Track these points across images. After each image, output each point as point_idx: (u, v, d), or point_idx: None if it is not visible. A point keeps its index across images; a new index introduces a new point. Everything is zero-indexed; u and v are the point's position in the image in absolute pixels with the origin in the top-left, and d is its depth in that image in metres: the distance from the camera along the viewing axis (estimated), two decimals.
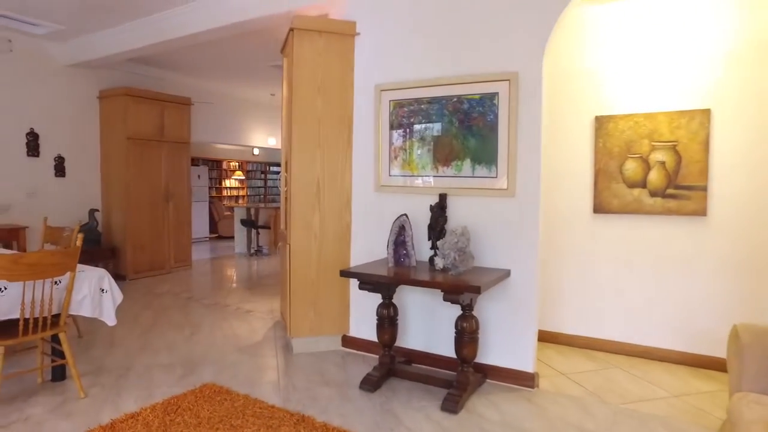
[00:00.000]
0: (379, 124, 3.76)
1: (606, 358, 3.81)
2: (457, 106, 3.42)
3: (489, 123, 3.31)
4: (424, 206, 3.58)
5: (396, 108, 3.69)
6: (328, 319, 3.96)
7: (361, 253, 3.91)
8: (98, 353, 3.84)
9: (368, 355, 3.89)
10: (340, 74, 3.85)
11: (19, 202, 6.01)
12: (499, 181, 3.30)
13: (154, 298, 5.62)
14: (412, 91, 3.61)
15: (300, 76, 3.75)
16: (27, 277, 2.68)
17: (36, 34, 5.82)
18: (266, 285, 6.51)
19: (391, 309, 3.38)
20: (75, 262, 2.92)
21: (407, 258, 3.37)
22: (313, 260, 3.87)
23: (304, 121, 3.78)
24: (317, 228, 3.85)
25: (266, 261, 8.53)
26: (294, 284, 3.85)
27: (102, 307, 3.19)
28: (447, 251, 3.13)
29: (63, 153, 6.45)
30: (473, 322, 3.05)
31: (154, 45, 5.33)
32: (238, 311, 5.15)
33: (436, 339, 3.63)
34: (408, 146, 3.66)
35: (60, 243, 4.10)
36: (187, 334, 4.35)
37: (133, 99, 6.53)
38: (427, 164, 3.59)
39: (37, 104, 6.15)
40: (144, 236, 6.77)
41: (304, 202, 3.82)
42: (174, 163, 7.16)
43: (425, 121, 3.56)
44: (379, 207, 3.82)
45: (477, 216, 3.42)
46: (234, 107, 9.34)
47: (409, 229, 3.35)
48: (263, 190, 14.56)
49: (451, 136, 3.46)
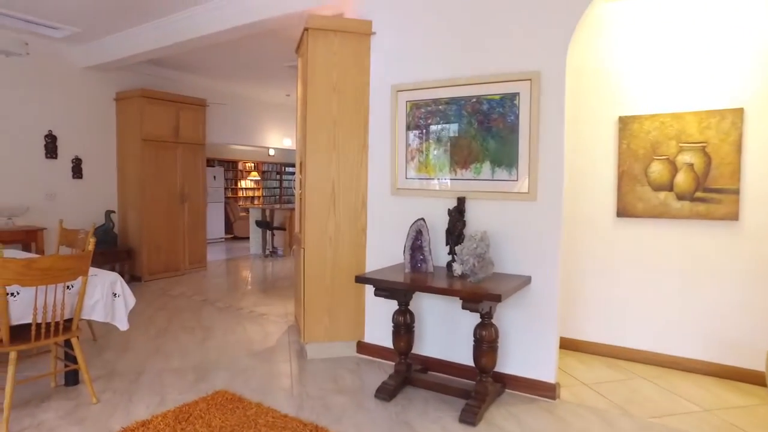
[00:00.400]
0: (396, 126, 3.67)
1: (630, 368, 3.67)
2: (476, 106, 3.32)
3: (509, 124, 3.20)
4: (442, 210, 3.48)
5: (413, 109, 3.60)
6: (342, 324, 3.88)
7: (377, 257, 3.83)
8: (111, 356, 3.81)
9: (383, 362, 3.81)
10: (356, 74, 3.77)
11: (37, 204, 6.04)
12: (520, 184, 3.19)
13: (169, 301, 5.60)
14: (430, 91, 3.51)
15: (315, 76, 3.68)
16: (39, 281, 2.65)
17: (54, 38, 5.85)
18: (281, 287, 6.46)
19: (407, 316, 3.29)
20: (87, 267, 2.88)
21: (424, 263, 3.28)
22: (327, 264, 3.79)
23: (319, 123, 3.70)
24: (332, 231, 3.78)
25: (281, 262, 8.49)
26: (308, 289, 3.78)
27: (114, 311, 3.15)
28: (466, 257, 3.03)
29: (80, 155, 6.48)
30: (492, 330, 2.94)
31: (169, 46, 5.30)
32: (252, 314, 5.10)
33: (454, 346, 3.53)
34: (425, 148, 3.56)
35: (75, 245, 4.09)
36: (200, 338, 4.31)
37: (148, 100, 6.53)
38: (444, 167, 3.49)
39: (56, 107, 6.19)
40: (159, 237, 6.77)
41: (319, 205, 3.74)
42: (189, 165, 7.16)
43: (443, 122, 3.47)
44: (396, 210, 3.73)
45: (496, 220, 3.31)
46: (249, 108, 9.33)
47: (426, 233, 3.26)
48: (278, 190, 14.56)
49: (470, 137, 3.36)
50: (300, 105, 4.22)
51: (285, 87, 8.78)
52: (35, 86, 5.97)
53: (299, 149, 4.17)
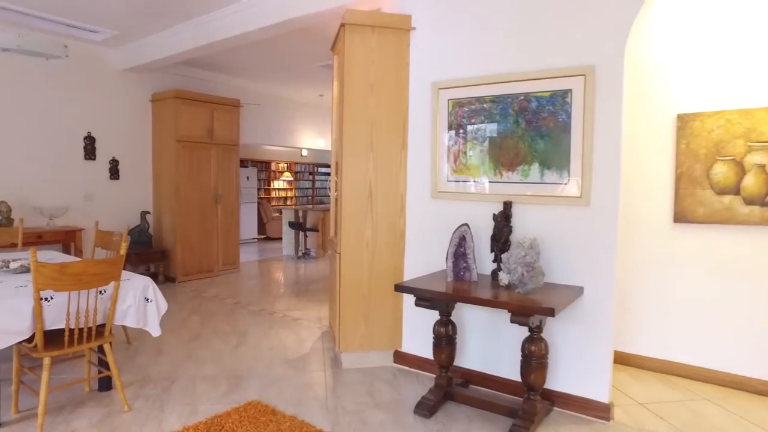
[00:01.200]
0: (437, 125, 3.49)
1: (690, 387, 3.39)
2: (524, 104, 3.11)
3: (561, 123, 2.98)
4: (486, 215, 3.29)
5: (455, 107, 3.41)
6: (379, 333, 3.73)
7: (416, 263, 3.65)
8: (145, 361, 3.75)
9: (422, 373, 3.63)
10: (395, 72, 3.60)
11: (76, 204, 6.11)
12: (572, 188, 2.96)
13: (202, 303, 5.56)
14: (473, 89, 3.31)
15: (351, 74, 3.53)
16: (72, 287, 2.58)
17: (93, 41, 5.90)
18: (314, 291, 6.35)
19: (449, 327, 3.11)
20: (119, 272, 2.80)
21: (468, 272, 3.08)
22: (364, 270, 3.64)
23: (356, 122, 3.55)
24: (369, 236, 3.62)
25: (314, 264, 8.40)
26: (344, 296, 3.63)
27: (147, 317, 3.07)
28: (513, 266, 2.82)
29: (117, 156, 6.52)
30: (542, 345, 2.73)
31: (205, 46, 5.26)
32: (285, 319, 5.00)
33: (497, 359, 3.33)
34: (468, 149, 3.37)
35: (110, 247, 4.06)
36: (233, 343, 4.22)
37: (183, 101, 6.53)
38: (489, 169, 3.29)
39: (94, 109, 6.25)
40: (193, 238, 6.76)
41: (356, 208, 3.59)
42: (223, 165, 7.13)
43: (488, 121, 3.27)
44: (436, 214, 3.55)
45: (545, 226, 3.09)
46: (282, 108, 9.28)
47: (470, 240, 3.06)
48: (311, 191, 14.54)
49: (517, 137, 3.15)
50: (336, 104, 4.09)
51: (318, 87, 8.69)
52: (75, 89, 6.04)
53: (335, 150, 4.03)
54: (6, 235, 4.43)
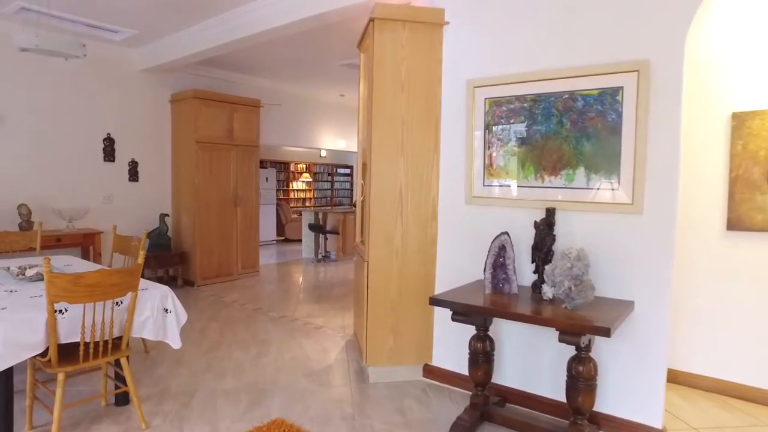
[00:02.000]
0: (472, 126, 3.27)
1: (749, 410, 3.12)
2: (568, 103, 2.88)
3: (610, 124, 2.74)
4: (525, 222, 3.06)
5: (492, 107, 3.19)
6: (408, 345, 3.52)
7: (448, 272, 3.44)
8: (163, 372, 3.60)
9: (454, 389, 3.42)
10: (427, 69, 3.39)
11: (95, 207, 6.01)
12: (622, 194, 2.72)
13: (221, 309, 5.41)
14: (512, 87, 3.09)
15: (381, 71, 3.33)
16: (87, 298, 2.42)
17: (113, 41, 5.80)
18: (336, 296, 6.17)
19: (487, 343, 2.89)
20: (137, 282, 2.64)
21: (507, 284, 2.86)
22: (393, 279, 3.43)
23: (386, 123, 3.35)
24: (399, 243, 3.42)
25: (334, 268, 8.23)
26: (372, 306, 3.43)
27: (166, 328, 2.91)
28: (559, 279, 2.59)
29: (136, 158, 6.42)
30: (591, 366, 2.50)
31: (225, 44, 5.11)
32: (307, 327, 4.82)
33: (535, 377, 3.10)
34: (506, 152, 3.14)
35: (128, 253, 3.92)
36: (254, 354, 4.05)
37: (202, 102, 6.40)
38: (529, 173, 3.06)
39: (114, 110, 6.15)
40: (212, 241, 6.62)
41: (385, 213, 3.39)
42: (243, 167, 6.99)
43: (528, 121, 3.04)
44: (471, 221, 3.33)
45: (591, 235, 2.85)
46: (302, 109, 9.12)
47: (510, 250, 2.84)
48: (330, 192, 14.39)
49: (561, 139, 2.92)
50: (363, 104, 3.90)
51: (339, 87, 8.53)
52: (95, 90, 5.95)
53: (362, 152, 3.84)
54: (24, 239, 4.32)
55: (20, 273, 3.13)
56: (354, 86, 8.31)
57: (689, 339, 3.46)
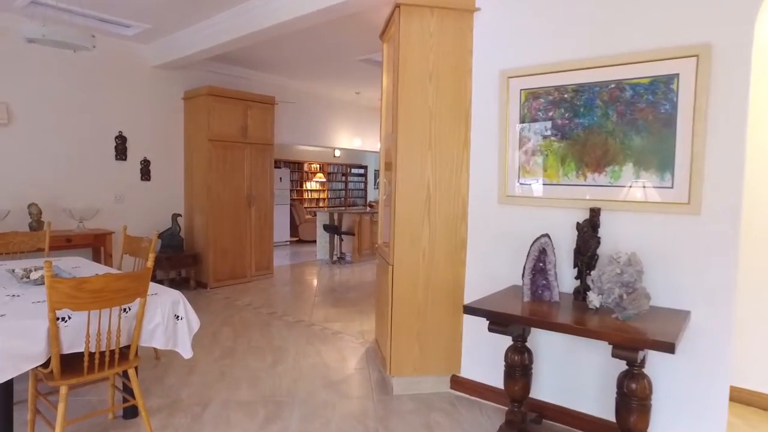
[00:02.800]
0: (506, 120, 3.03)
1: None
2: (615, 93, 2.62)
3: (663, 115, 2.48)
4: (565, 224, 2.82)
5: (528, 99, 2.94)
6: (435, 355, 3.29)
7: (479, 277, 3.20)
8: (174, 381, 3.40)
9: (484, 403, 3.18)
10: (456, 59, 3.16)
11: (107, 207, 5.86)
12: (677, 193, 2.46)
13: (235, 313, 5.21)
14: (551, 76, 2.84)
15: (408, 62, 3.10)
16: (92, 305, 2.22)
17: (126, 36, 5.64)
18: (353, 299, 5.95)
19: (525, 355, 2.64)
20: (146, 287, 2.43)
21: (548, 290, 2.62)
22: (420, 284, 3.20)
23: (413, 116, 3.13)
24: (426, 245, 3.19)
25: (349, 270, 8.01)
26: (397, 313, 3.20)
27: (177, 336, 2.70)
28: (607, 286, 2.34)
29: (149, 156, 6.26)
30: (646, 383, 2.24)
31: (241, 38, 4.91)
32: (325, 332, 4.60)
33: (576, 391, 2.85)
34: (544, 147, 2.90)
35: (139, 254, 3.73)
36: (270, 361, 3.83)
37: (216, 99, 6.21)
38: (570, 170, 2.81)
39: (126, 107, 6.00)
40: (226, 242, 6.44)
41: (412, 213, 3.16)
42: (257, 166, 6.80)
43: (569, 114, 2.79)
44: (504, 222, 3.09)
45: (640, 238, 2.59)
46: (317, 107, 8.92)
47: (551, 253, 2.60)
48: (344, 192, 14.19)
49: (606, 133, 2.66)
50: (386, 97, 3.68)
51: (355, 84, 8.31)
52: (106, 87, 5.79)
53: (386, 148, 3.62)
54: (32, 239, 4.16)
55: (24, 276, 2.95)
56: (370, 83, 8.10)
57: (748, 351, 3.18)
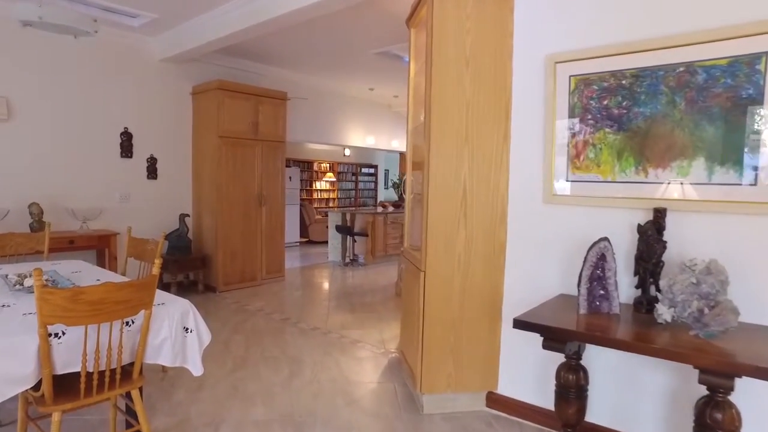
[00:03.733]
0: (553, 110, 2.72)
1: None
2: (684, 78, 2.30)
3: (743, 101, 2.16)
4: (622, 226, 2.50)
5: (579, 86, 2.63)
6: (470, 370, 2.97)
7: (519, 285, 2.89)
8: (183, 397, 3.11)
9: (525, 423, 2.87)
10: (495, 44, 2.85)
11: (111, 206, 5.58)
12: (761, 191, 2.14)
13: (246, 319, 4.92)
14: (607, 60, 2.53)
15: (442, 46, 2.80)
16: (90, 319, 1.92)
17: (132, 27, 5.36)
18: (369, 304, 5.64)
19: (580, 374, 2.32)
20: (152, 297, 2.14)
21: (606, 301, 2.30)
22: (455, 292, 2.89)
23: (448, 107, 2.82)
24: (462, 250, 2.87)
25: (363, 272, 7.70)
26: (429, 324, 2.90)
27: (186, 352, 2.40)
28: (681, 297, 2.03)
29: (155, 154, 5.98)
30: (733, 413, 1.91)
31: (250, 28, 4.61)
32: (343, 341, 4.29)
33: (633, 415, 2.53)
34: (598, 140, 2.58)
35: (144, 258, 3.43)
36: (286, 374, 3.54)
37: (226, 93, 5.93)
38: (627, 165, 2.49)
39: (132, 103, 5.72)
40: (236, 244, 6.15)
41: (446, 215, 2.85)
42: (268, 164, 6.51)
43: (628, 102, 2.47)
44: (549, 224, 2.77)
45: (714, 243, 2.27)
46: (329, 103, 8.62)
47: (611, 260, 2.28)
48: (354, 192, 13.89)
49: (672, 123, 2.34)
50: (414, 87, 3.37)
51: (369, 80, 8.02)
52: (112, 81, 5.52)
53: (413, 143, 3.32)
54: (31, 241, 3.87)
55: (18, 282, 2.65)
56: (385, 79, 7.81)
57: None
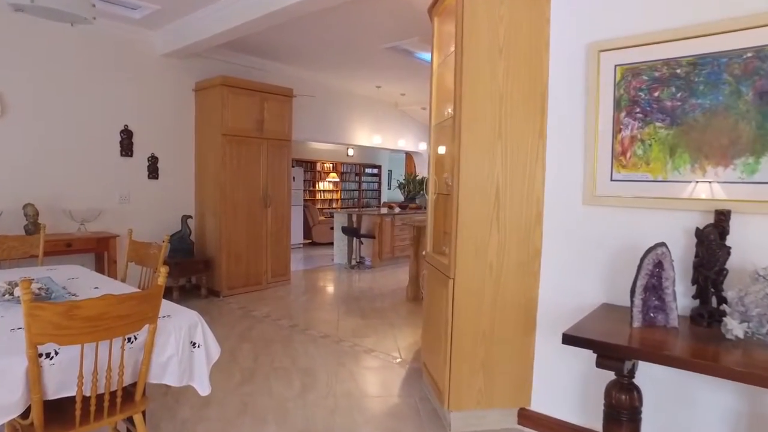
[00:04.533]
0: (596, 102, 2.48)
1: None
2: (752, 65, 2.07)
3: None
4: (675, 230, 2.26)
5: (627, 76, 2.39)
6: (501, 384, 2.74)
7: (556, 292, 2.65)
8: (188, 415, 2.87)
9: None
10: (531, 31, 2.61)
11: (111, 207, 5.34)
12: None
13: (253, 325, 4.68)
14: (658, 48, 2.29)
15: (473, 35, 2.56)
16: (86, 336, 1.69)
17: (132, 19, 5.12)
18: (380, 310, 5.40)
19: (634, 394, 2.08)
20: (156, 310, 1.90)
21: (662, 313, 2.06)
22: (486, 301, 2.65)
23: (479, 101, 2.58)
24: (494, 256, 2.64)
25: (370, 275, 7.46)
26: (458, 336, 2.66)
27: (193, 369, 2.16)
28: (756, 311, 1.80)
29: (157, 152, 5.74)
30: None
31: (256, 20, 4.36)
32: (356, 350, 4.05)
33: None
34: (647, 135, 2.34)
35: (146, 263, 3.20)
36: (298, 387, 3.30)
37: (230, 89, 5.68)
38: (682, 163, 2.25)
39: (132, 99, 5.47)
40: (240, 246, 5.90)
41: (477, 217, 2.61)
42: (274, 163, 6.26)
43: (683, 94, 2.23)
44: (591, 227, 2.54)
45: None
46: (335, 102, 8.38)
47: (669, 268, 2.04)
48: (357, 193, 13.65)
49: (737, 115, 2.11)
50: (437, 80, 3.14)
51: (377, 77, 7.79)
52: (112, 77, 5.27)
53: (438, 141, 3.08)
54: (24, 245, 3.62)
55: (7, 292, 2.41)
56: (393, 76, 7.59)
57: None
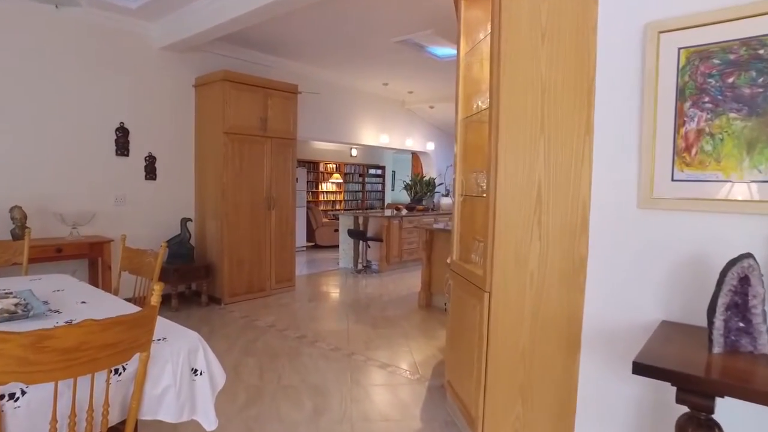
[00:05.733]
0: (654, 91, 2.16)
1: None
2: None
3: None
4: (756, 238, 1.94)
5: (692, 60, 2.08)
6: (541, 410, 2.42)
7: (604, 307, 2.33)
8: None
9: None
10: (577, 11, 2.29)
11: (105, 210, 5.03)
12: None
13: (257, 337, 4.36)
14: (733, 26, 1.97)
15: (513, 17, 2.26)
16: (61, 372, 1.37)
17: (128, 10, 4.81)
18: (392, 319, 5.08)
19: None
20: (149, 335, 1.59)
21: (747, 337, 1.74)
22: (525, 318, 2.34)
23: (519, 91, 2.27)
24: (535, 266, 2.32)
25: (378, 280, 7.15)
26: (494, 356, 2.35)
27: (195, 400, 1.85)
28: None
29: (154, 151, 5.43)
30: None
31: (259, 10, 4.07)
32: (370, 365, 3.74)
33: None
34: (718, 128, 2.03)
35: (141, 272, 2.88)
36: (309, 409, 2.98)
37: (233, 85, 5.38)
38: (762, 160, 1.94)
39: (128, 95, 5.17)
40: (243, 251, 5.59)
41: (517, 222, 2.30)
42: (278, 163, 5.95)
43: (764, 79, 1.92)
44: (648, 234, 2.22)
45: None
46: (340, 99, 8.07)
47: (758, 284, 1.72)
48: (361, 194, 13.34)
49: None
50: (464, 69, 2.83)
51: (384, 74, 7.50)
52: (106, 71, 4.97)
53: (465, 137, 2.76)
54: (8, 251, 3.29)
55: None
56: (401, 72, 7.30)
57: None
